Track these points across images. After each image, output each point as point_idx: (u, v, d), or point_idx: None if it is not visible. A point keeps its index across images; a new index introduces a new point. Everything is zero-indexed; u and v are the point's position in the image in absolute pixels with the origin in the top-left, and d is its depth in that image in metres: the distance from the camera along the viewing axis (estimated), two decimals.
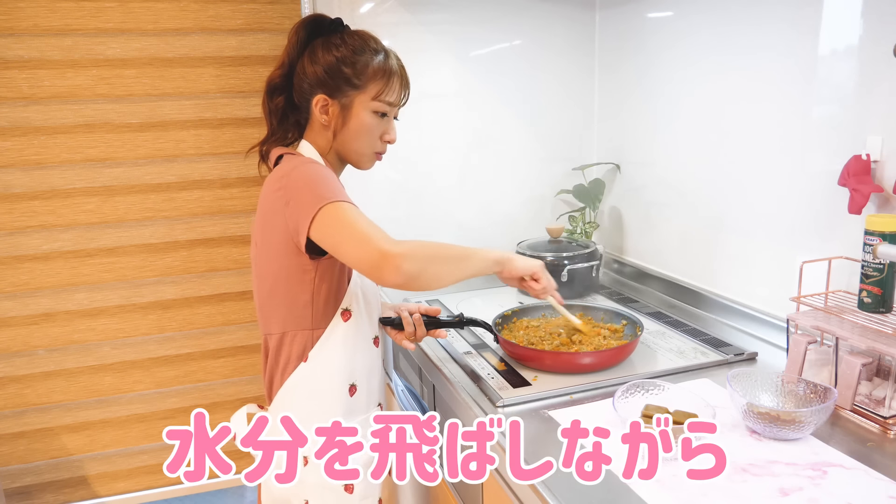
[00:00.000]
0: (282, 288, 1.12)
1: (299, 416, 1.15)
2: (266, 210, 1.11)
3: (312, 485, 1.15)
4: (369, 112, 1.14)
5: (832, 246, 1.27)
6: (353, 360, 1.16)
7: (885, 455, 0.97)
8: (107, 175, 1.97)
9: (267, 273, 1.14)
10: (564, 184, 2.07)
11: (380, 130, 1.17)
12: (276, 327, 1.15)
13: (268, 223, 1.11)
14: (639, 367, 1.29)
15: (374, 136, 1.17)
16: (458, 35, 1.91)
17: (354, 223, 1.01)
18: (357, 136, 1.15)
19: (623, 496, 0.88)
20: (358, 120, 1.14)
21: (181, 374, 2.15)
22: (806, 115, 1.32)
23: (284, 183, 1.07)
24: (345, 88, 1.13)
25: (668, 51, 1.70)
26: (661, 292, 1.78)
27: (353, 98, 1.13)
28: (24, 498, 2.09)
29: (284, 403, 1.16)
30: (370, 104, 1.14)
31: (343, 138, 1.16)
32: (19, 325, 1.98)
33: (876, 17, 1.16)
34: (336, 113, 1.14)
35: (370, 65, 1.13)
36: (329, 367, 1.14)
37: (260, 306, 1.18)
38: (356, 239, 1.00)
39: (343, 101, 1.13)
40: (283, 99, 1.17)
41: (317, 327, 1.13)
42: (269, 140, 1.20)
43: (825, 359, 1.15)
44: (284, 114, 1.18)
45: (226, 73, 1.99)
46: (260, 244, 1.14)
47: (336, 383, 1.15)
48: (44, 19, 1.84)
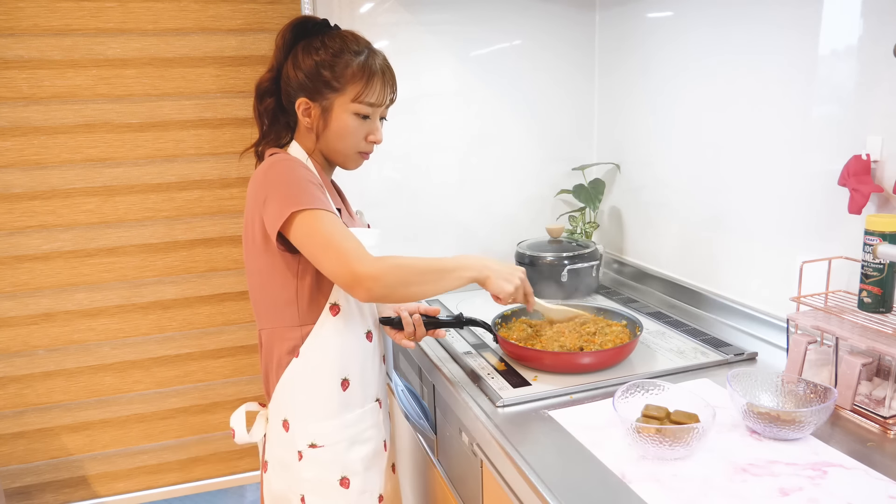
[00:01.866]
0: (267, 284, 1.14)
1: (294, 410, 1.16)
2: (249, 207, 1.13)
3: (308, 480, 1.16)
4: (350, 114, 1.14)
5: (832, 246, 1.27)
6: (343, 354, 1.17)
7: (885, 455, 0.97)
8: (107, 175, 1.97)
9: (253, 270, 1.15)
10: (564, 184, 2.07)
11: (363, 132, 1.17)
12: (266, 322, 1.17)
13: (250, 220, 1.13)
14: (639, 367, 1.29)
15: (357, 138, 1.17)
16: (458, 35, 1.91)
17: (329, 237, 1.03)
18: (339, 138, 1.16)
19: (623, 496, 0.88)
20: (339, 122, 1.14)
21: (181, 374, 2.14)
22: (806, 115, 1.32)
23: (262, 180, 1.09)
24: (324, 91, 1.13)
25: (668, 51, 1.70)
26: (661, 292, 1.78)
27: (332, 101, 1.13)
28: (24, 498, 2.09)
29: (281, 400, 1.17)
30: (350, 106, 1.14)
31: (326, 140, 1.16)
32: (19, 325, 1.98)
33: (876, 17, 1.16)
34: (317, 116, 1.15)
35: (349, 66, 1.12)
36: (320, 362, 1.15)
37: (252, 302, 1.19)
38: (330, 254, 1.02)
39: (323, 103, 1.14)
40: (272, 101, 1.18)
41: (305, 323, 1.14)
42: (262, 142, 1.21)
43: (825, 359, 1.15)
44: (275, 116, 1.19)
45: (226, 73, 1.99)
46: (246, 241, 1.16)
47: (328, 378, 1.16)
48: (44, 19, 1.84)
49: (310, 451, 1.15)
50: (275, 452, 1.21)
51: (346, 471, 1.17)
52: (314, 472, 1.16)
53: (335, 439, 1.16)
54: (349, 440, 1.17)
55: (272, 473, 1.22)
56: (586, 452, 0.99)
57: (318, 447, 1.15)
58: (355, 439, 1.18)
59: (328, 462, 1.16)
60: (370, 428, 1.21)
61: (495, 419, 1.11)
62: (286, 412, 1.17)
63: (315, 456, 1.15)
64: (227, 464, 2.25)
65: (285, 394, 1.17)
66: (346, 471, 1.17)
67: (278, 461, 1.20)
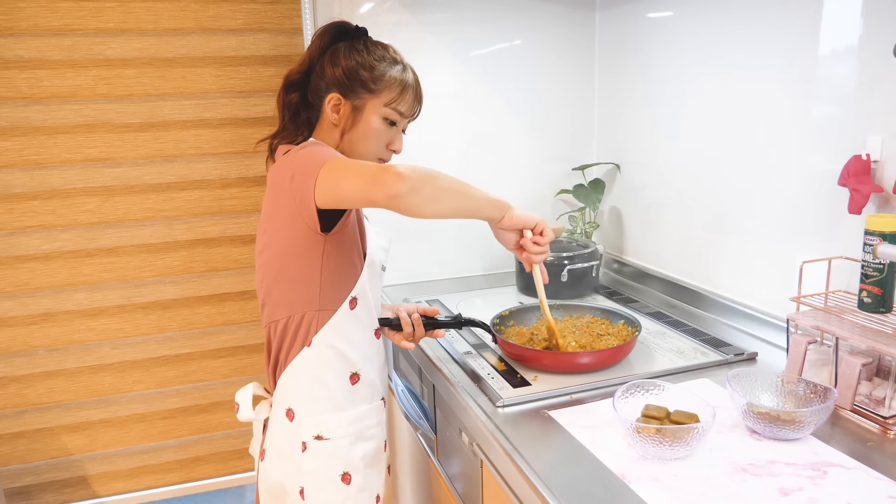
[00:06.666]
0: (290, 268, 1.13)
1: (300, 400, 1.16)
2: (273, 191, 1.13)
3: (309, 472, 1.16)
4: (379, 117, 1.18)
5: (832, 246, 1.27)
6: (356, 348, 1.17)
7: (885, 455, 0.97)
8: (107, 175, 1.97)
9: (275, 256, 1.14)
10: (564, 184, 2.07)
11: (387, 138, 1.21)
12: (282, 312, 1.15)
13: (275, 203, 1.13)
14: (639, 368, 1.29)
15: (381, 143, 1.21)
16: (458, 35, 1.91)
17: (354, 161, 1.05)
18: (364, 139, 1.19)
19: (623, 496, 0.88)
20: (367, 123, 1.18)
21: (181, 374, 2.15)
22: (806, 115, 1.32)
23: (287, 161, 1.11)
24: (359, 91, 1.17)
25: (668, 51, 1.70)
26: (661, 292, 1.78)
27: (366, 101, 1.17)
28: (24, 498, 2.09)
29: (287, 387, 1.17)
30: (381, 110, 1.18)
31: (350, 139, 1.19)
32: (19, 325, 1.98)
33: (876, 17, 1.16)
34: (347, 113, 1.17)
35: (388, 73, 1.17)
36: (332, 354, 1.15)
37: (266, 295, 1.18)
38: (355, 166, 1.02)
39: (356, 102, 1.17)
40: (297, 95, 1.21)
41: (324, 308, 1.13)
42: (280, 134, 1.23)
43: (825, 359, 1.15)
44: (297, 110, 1.21)
45: (226, 73, 1.99)
46: (268, 229, 1.15)
47: (338, 371, 1.16)
48: (44, 19, 1.84)
49: (314, 443, 1.15)
50: (275, 441, 1.20)
51: (349, 466, 1.16)
52: (316, 464, 1.15)
53: (341, 433, 1.16)
54: (354, 435, 1.17)
55: (269, 463, 1.21)
56: (586, 452, 0.99)
57: (324, 439, 1.15)
58: (360, 435, 1.18)
59: (331, 456, 1.16)
60: (374, 426, 1.21)
61: (495, 419, 1.11)
62: (291, 401, 1.16)
63: (319, 448, 1.15)
64: (227, 464, 2.25)
65: (292, 383, 1.16)
66: (349, 466, 1.16)
67: (277, 451, 1.19)
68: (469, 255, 2.04)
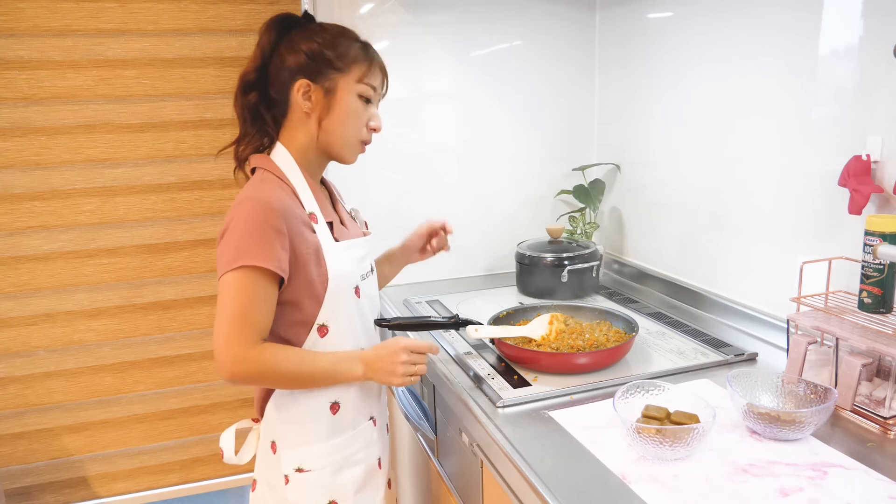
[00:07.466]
0: None
1: (282, 432, 1.14)
2: None
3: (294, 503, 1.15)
4: (354, 96, 1.12)
5: (832, 246, 1.27)
6: None
7: (885, 455, 0.96)
8: (107, 175, 1.97)
9: None
10: (564, 184, 2.07)
11: (366, 117, 1.15)
12: None
13: None
14: (639, 368, 1.29)
15: (360, 123, 1.14)
16: (458, 36, 1.91)
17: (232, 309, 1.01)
18: (342, 122, 1.12)
19: (623, 496, 0.88)
20: (344, 104, 1.12)
21: (181, 375, 2.14)
22: (806, 115, 1.32)
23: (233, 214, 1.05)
24: (327, 72, 1.10)
25: (669, 51, 1.70)
26: (661, 293, 1.78)
27: (336, 81, 1.11)
28: (25, 498, 2.09)
29: (270, 421, 1.15)
30: (355, 87, 1.12)
31: (328, 126, 1.12)
32: (19, 326, 1.98)
33: (876, 18, 1.16)
34: (319, 98, 1.11)
35: (351, 48, 1.12)
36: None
37: None
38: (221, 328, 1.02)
39: (326, 84, 1.11)
40: (256, 95, 1.13)
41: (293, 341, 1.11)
42: (242, 141, 1.15)
43: (825, 359, 1.15)
44: (257, 112, 1.14)
45: (226, 73, 1.99)
46: None
47: (316, 402, 1.13)
48: (44, 20, 1.84)
49: (296, 476, 1.13)
50: (263, 472, 1.18)
51: (335, 495, 1.14)
52: (299, 496, 1.13)
53: (322, 464, 1.13)
54: (337, 465, 1.15)
55: (259, 494, 1.20)
56: (586, 453, 0.99)
57: (305, 472, 1.13)
58: (344, 463, 1.15)
59: (314, 487, 1.13)
60: (361, 450, 1.18)
61: (495, 419, 1.11)
62: (274, 434, 1.15)
63: (301, 481, 1.13)
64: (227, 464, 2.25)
65: (274, 415, 1.14)
66: (335, 495, 1.14)
67: (266, 482, 1.18)
68: (469, 256, 2.04)
